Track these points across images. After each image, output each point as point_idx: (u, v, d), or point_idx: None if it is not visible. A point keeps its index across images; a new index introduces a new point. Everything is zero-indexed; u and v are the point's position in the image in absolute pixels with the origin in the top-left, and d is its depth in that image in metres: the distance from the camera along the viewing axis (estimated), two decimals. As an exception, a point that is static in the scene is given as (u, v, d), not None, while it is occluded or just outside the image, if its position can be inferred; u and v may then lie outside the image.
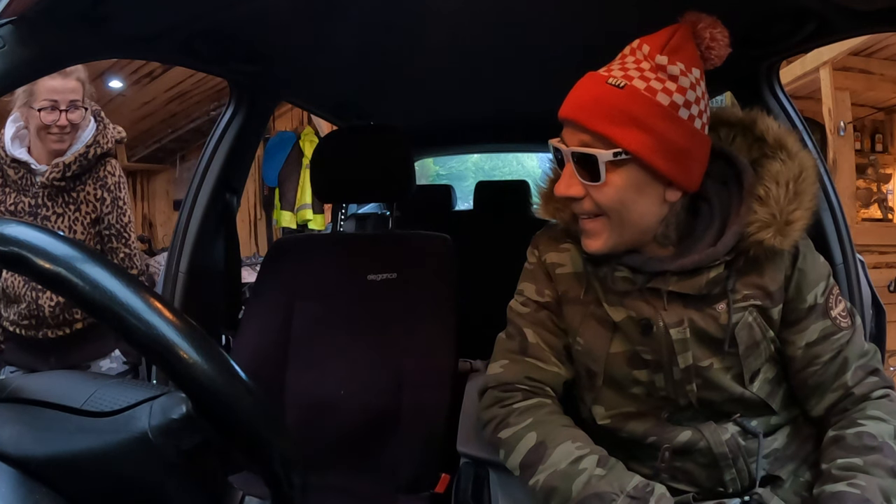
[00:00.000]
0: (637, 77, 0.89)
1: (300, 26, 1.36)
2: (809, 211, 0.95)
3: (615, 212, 0.93)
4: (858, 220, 4.57)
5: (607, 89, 0.89)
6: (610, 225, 0.94)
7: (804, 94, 4.75)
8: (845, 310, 1.03)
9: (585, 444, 0.96)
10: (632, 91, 0.88)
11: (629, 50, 0.94)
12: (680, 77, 0.89)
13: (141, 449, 0.53)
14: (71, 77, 1.79)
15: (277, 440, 0.53)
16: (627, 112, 0.87)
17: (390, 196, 1.81)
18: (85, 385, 0.59)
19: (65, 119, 1.79)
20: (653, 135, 0.88)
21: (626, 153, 0.88)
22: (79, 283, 0.48)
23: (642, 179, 0.91)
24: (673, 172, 0.90)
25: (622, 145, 0.88)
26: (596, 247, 0.97)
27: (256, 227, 6.13)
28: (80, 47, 1.13)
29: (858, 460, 0.90)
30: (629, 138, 0.87)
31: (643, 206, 0.93)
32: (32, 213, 1.84)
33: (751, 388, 0.99)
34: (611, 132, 0.88)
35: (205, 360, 0.49)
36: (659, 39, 0.91)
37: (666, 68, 0.89)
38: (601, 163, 0.89)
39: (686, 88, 0.89)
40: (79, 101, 1.82)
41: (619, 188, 0.91)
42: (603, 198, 0.92)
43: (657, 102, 0.88)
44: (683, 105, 0.89)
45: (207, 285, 1.68)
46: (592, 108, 0.89)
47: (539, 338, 1.07)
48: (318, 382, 1.51)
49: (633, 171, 0.90)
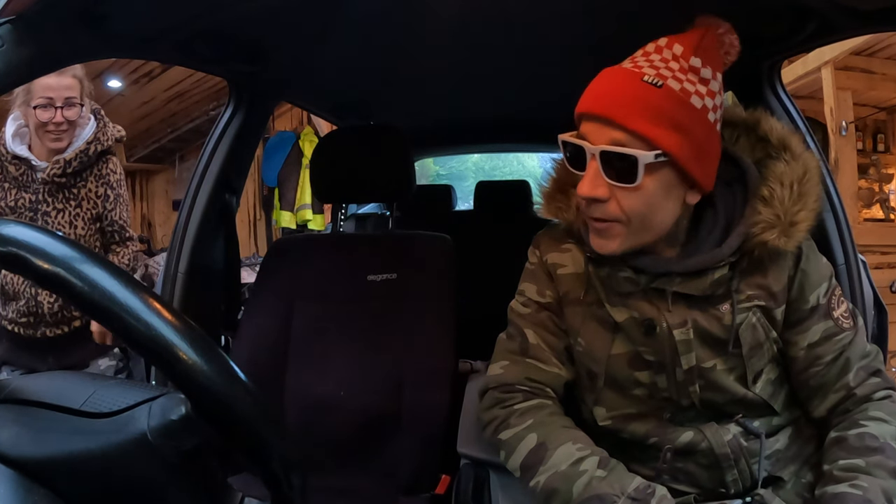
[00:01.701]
0: (670, 77, 0.87)
1: (300, 26, 1.36)
2: (814, 212, 0.95)
3: (639, 217, 0.90)
4: (860, 221, 4.57)
5: (644, 87, 0.86)
6: (628, 229, 0.92)
7: (806, 94, 4.76)
8: (847, 310, 1.02)
9: (586, 446, 0.96)
10: (668, 91, 0.86)
11: (653, 47, 0.91)
12: (711, 81, 0.89)
13: (140, 450, 0.53)
14: (66, 74, 1.80)
15: (277, 441, 0.53)
16: (665, 112, 0.85)
17: (390, 196, 1.81)
18: (84, 386, 0.59)
19: (60, 116, 1.80)
20: (688, 137, 0.86)
21: (664, 155, 0.86)
22: (77, 283, 0.48)
23: (672, 182, 0.90)
24: (700, 174, 0.89)
25: (662, 146, 0.85)
26: (611, 248, 0.94)
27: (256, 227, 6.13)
28: (79, 47, 1.13)
29: (860, 461, 0.90)
30: (669, 140, 0.85)
31: (666, 210, 0.92)
32: (33, 209, 1.85)
33: (753, 388, 0.98)
34: (650, 132, 0.85)
35: (204, 360, 0.49)
36: (691, 40, 0.89)
37: (699, 71, 0.88)
38: (640, 164, 0.86)
39: (715, 92, 0.89)
40: (75, 98, 1.82)
41: (649, 191, 0.89)
42: (631, 202, 0.89)
43: (691, 104, 0.87)
44: (711, 109, 0.89)
45: (206, 286, 1.68)
46: (629, 105, 0.86)
47: (540, 338, 1.07)
48: (317, 383, 1.51)
49: (666, 173, 0.88)
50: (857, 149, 4.67)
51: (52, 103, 1.79)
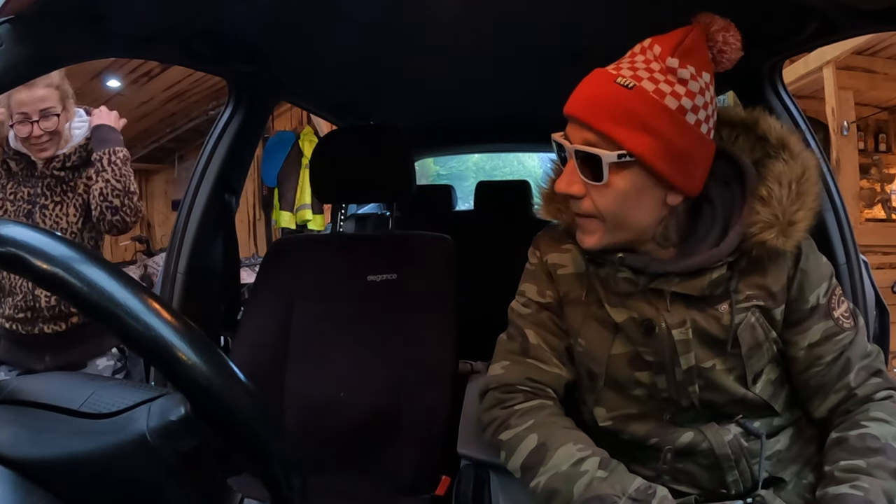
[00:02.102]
0: (646, 78, 0.88)
1: (299, 25, 1.36)
2: (812, 211, 0.95)
3: (612, 214, 0.93)
4: (862, 221, 4.57)
5: (615, 89, 0.88)
6: (605, 225, 0.95)
7: (807, 94, 4.76)
8: (848, 310, 1.02)
9: (587, 446, 0.96)
10: (640, 92, 0.87)
11: (639, 48, 0.93)
12: (690, 81, 0.89)
13: (139, 451, 0.53)
14: (38, 86, 1.78)
15: (276, 442, 0.53)
16: (634, 114, 0.87)
17: (390, 196, 1.81)
18: (83, 386, 0.59)
19: (38, 129, 1.80)
20: (658, 138, 0.87)
21: (630, 155, 0.88)
22: (76, 283, 0.48)
23: (644, 182, 0.91)
24: (676, 177, 0.90)
25: (627, 147, 0.87)
26: (591, 243, 0.97)
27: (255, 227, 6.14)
28: (78, 46, 1.13)
29: (861, 462, 0.90)
30: (634, 140, 0.87)
31: (643, 210, 0.93)
32: (31, 202, 1.87)
33: (753, 389, 0.98)
34: (616, 133, 0.87)
35: (203, 361, 0.49)
36: (671, 41, 0.90)
37: (676, 71, 0.88)
38: (604, 164, 0.88)
39: (695, 93, 0.89)
40: (51, 107, 1.81)
41: (620, 190, 0.91)
42: (603, 199, 0.92)
43: (665, 106, 0.87)
44: (691, 110, 0.89)
45: (206, 286, 1.68)
46: (598, 107, 0.89)
47: (540, 339, 1.07)
48: (317, 384, 1.51)
49: (635, 173, 0.90)
50: (858, 149, 4.67)
51: (27, 118, 1.78)
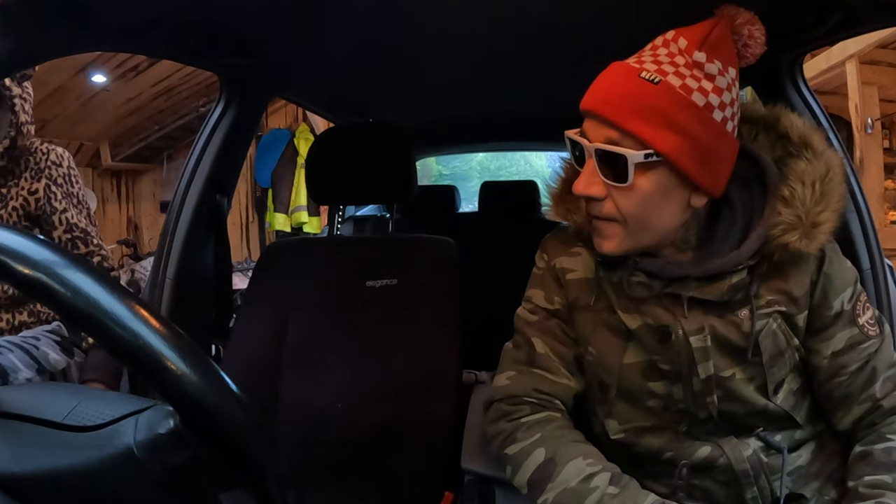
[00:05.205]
0: (672, 73, 0.87)
1: (293, 16, 1.36)
2: (837, 212, 0.94)
3: (635, 217, 0.92)
4: (887, 223, 4.55)
5: (640, 83, 0.87)
6: (626, 229, 0.94)
7: (829, 90, 4.75)
8: (873, 317, 1.02)
9: (597, 461, 0.96)
10: (667, 88, 0.86)
11: (661, 41, 0.92)
12: (717, 76, 0.88)
13: (126, 465, 0.53)
14: None
15: (271, 456, 0.53)
16: (661, 110, 0.86)
17: (390, 197, 1.81)
18: (66, 398, 0.59)
19: None
20: (686, 137, 0.86)
21: (657, 155, 0.86)
22: (59, 289, 0.48)
23: (669, 183, 0.90)
24: (702, 177, 0.89)
25: (654, 146, 0.86)
26: (610, 248, 0.96)
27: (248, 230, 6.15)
28: (62, 40, 1.13)
29: (887, 478, 0.89)
30: (661, 139, 0.86)
31: (666, 212, 0.93)
32: None
33: (774, 399, 0.98)
34: (642, 131, 0.86)
35: (193, 371, 0.49)
36: (697, 33, 0.89)
37: (703, 66, 0.87)
38: (630, 164, 0.87)
39: (722, 89, 0.88)
40: None
41: (644, 192, 0.90)
42: (626, 201, 0.91)
43: (692, 102, 0.86)
44: (718, 106, 0.88)
45: (196, 292, 1.68)
46: (622, 103, 0.87)
47: (548, 348, 1.07)
48: (314, 395, 1.51)
49: (661, 174, 0.89)
50: (883, 147, 4.66)
51: None
